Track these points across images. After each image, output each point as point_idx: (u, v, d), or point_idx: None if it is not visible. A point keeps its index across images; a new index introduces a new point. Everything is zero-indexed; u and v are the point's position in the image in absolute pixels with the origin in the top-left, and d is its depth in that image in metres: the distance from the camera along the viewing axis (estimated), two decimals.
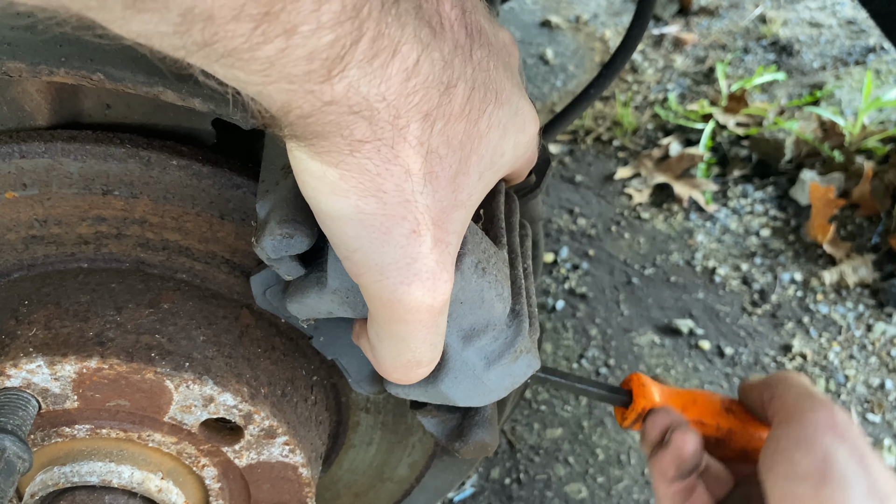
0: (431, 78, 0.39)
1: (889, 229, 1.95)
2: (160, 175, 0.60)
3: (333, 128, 0.38)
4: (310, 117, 0.37)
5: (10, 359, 0.59)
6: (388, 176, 0.40)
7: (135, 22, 0.33)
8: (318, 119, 0.38)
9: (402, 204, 0.41)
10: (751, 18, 2.79)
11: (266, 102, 0.37)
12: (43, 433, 0.64)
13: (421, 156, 0.40)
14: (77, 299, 0.63)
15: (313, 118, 0.37)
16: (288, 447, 0.66)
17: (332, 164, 0.40)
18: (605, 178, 2.22)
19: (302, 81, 0.36)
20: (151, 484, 0.66)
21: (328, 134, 0.38)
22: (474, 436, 0.65)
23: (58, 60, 0.54)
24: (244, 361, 0.65)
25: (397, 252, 0.42)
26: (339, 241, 0.43)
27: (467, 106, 0.42)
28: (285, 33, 0.34)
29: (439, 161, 0.41)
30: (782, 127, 2.19)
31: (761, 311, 1.84)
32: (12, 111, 0.60)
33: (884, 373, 1.71)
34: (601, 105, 2.46)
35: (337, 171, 0.40)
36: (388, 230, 0.41)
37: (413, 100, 0.39)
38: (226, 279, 0.66)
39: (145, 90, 0.55)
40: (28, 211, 0.61)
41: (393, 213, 0.41)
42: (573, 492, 1.51)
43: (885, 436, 1.59)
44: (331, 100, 0.37)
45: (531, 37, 2.82)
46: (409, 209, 0.41)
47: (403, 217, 0.41)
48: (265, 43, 0.34)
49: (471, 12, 0.44)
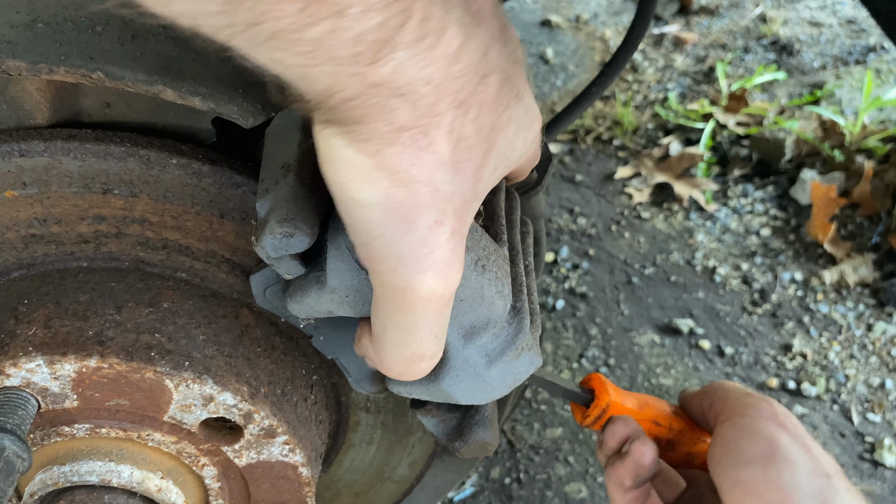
0: (471, 65, 0.39)
1: (889, 229, 1.95)
2: (160, 174, 0.60)
3: (376, 112, 0.38)
4: (353, 100, 0.37)
5: (9, 358, 0.59)
6: (422, 165, 0.40)
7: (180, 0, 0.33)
8: (361, 102, 0.37)
9: (431, 193, 0.41)
10: (751, 18, 2.79)
11: (307, 86, 0.37)
12: (42, 432, 0.64)
13: (452, 144, 0.40)
14: (76, 298, 0.63)
15: (356, 101, 0.37)
16: (288, 446, 0.66)
17: (369, 152, 0.39)
18: (605, 177, 2.22)
19: (348, 64, 0.35)
20: (151, 483, 0.66)
21: (369, 119, 0.38)
22: (474, 435, 0.65)
23: (57, 59, 0.54)
24: (244, 361, 0.65)
25: (418, 241, 0.42)
26: (362, 228, 0.43)
27: (497, 97, 0.42)
28: (333, 15, 0.33)
29: (468, 151, 0.41)
30: (783, 126, 2.19)
31: (761, 310, 1.84)
32: (12, 110, 0.60)
33: (884, 372, 1.71)
34: (601, 104, 2.46)
35: (373, 160, 0.39)
36: (414, 220, 0.41)
37: (453, 86, 0.39)
38: (226, 278, 0.66)
39: (145, 89, 0.55)
40: (27, 210, 0.61)
41: (420, 203, 0.41)
42: (573, 491, 1.51)
43: (886, 435, 1.59)
44: (376, 82, 0.36)
45: (531, 36, 2.82)
46: (436, 199, 0.41)
47: (430, 207, 0.41)
48: (313, 24, 0.33)
49: (498, 6, 0.44)
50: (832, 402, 1.66)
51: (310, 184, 0.54)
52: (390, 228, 0.42)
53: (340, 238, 0.53)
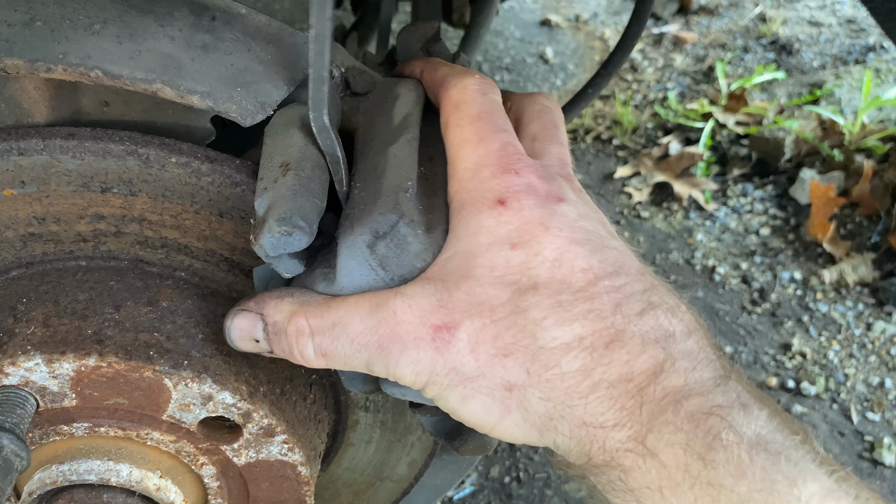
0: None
1: (889, 228, 1.95)
2: (159, 173, 0.60)
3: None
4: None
5: (8, 357, 0.58)
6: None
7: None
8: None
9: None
10: (750, 17, 2.79)
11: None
12: (41, 431, 0.64)
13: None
14: (75, 297, 0.62)
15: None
16: (287, 446, 0.66)
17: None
18: (604, 176, 2.22)
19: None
20: (150, 482, 0.65)
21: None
22: (473, 434, 0.65)
23: (56, 57, 0.54)
24: (243, 360, 0.65)
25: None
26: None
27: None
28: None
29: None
30: (782, 126, 2.19)
31: (761, 309, 1.84)
32: (10, 108, 0.60)
33: (883, 371, 1.71)
34: (601, 104, 2.46)
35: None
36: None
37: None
38: (225, 277, 0.66)
39: (143, 87, 0.55)
40: (26, 208, 0.61)
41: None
42: (573, 490, 1.51)
43: (885, 434, 1.59)
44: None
45: (531, 36, 2.82)
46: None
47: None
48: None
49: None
50: (831, 401, 1.66)
51: (308, 182, 0.54)
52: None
53: (357, 236, 0.53)
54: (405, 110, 0.61)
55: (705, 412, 0.46)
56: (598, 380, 0.48)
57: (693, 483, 0.44)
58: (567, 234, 0.52)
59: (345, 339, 0.53)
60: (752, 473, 0.43)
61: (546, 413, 0.50)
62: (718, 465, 0.44)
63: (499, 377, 0.50)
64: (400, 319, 0.51)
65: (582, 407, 0.49)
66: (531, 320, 0.50)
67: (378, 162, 0.57)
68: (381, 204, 0.53)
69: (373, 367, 0.53)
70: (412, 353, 0.51)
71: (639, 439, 0.47)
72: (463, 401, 0.51)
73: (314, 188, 0.54)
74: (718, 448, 0.44)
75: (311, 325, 0.54)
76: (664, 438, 0.46)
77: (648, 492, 0.46)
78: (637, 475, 0.46)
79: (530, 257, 0.51)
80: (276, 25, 0.62)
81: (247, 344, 0.58)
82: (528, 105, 0.64)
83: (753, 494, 0.43)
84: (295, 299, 0.55)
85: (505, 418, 0.51)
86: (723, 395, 0.47)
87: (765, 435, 0.45)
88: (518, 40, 2.79)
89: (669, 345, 0.49)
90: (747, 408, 0.46)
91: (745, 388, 0.48)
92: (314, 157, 0.56)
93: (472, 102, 0.58)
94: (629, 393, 0.48)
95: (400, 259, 0.53)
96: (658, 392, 0.47)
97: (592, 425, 0.48)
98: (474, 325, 0.50)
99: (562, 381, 0.49)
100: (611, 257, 0.53)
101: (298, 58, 0.61)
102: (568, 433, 0.50)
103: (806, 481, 0.43)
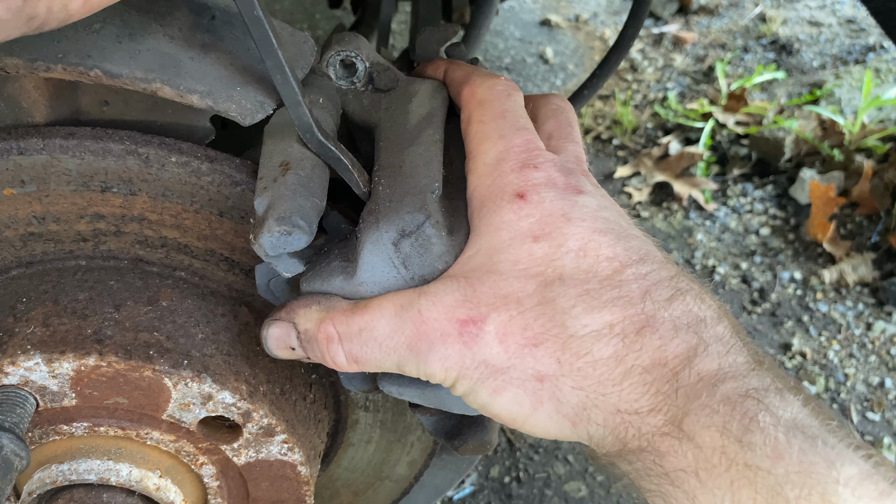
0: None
1: (889, 228, 1.95)
2: (159, 172, 0.60)
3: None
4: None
5: (7, 356, 0.58)
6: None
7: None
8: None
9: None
10: (750, 17, 2.79)
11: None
12: (41, 431, 0.64)
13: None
14: (75, 297, 0.62)
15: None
16: (286, 445, 0.66)
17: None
18: (604, 176, 2.22)
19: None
20: (150, 482, 0.65)
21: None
22: (473, 434, 0.65)
23: (55, 57, 0.54)
24: (243, 359, 0.65)
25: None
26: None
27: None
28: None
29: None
30: (782, 126, 2.19)
31: (761, 309, 1.84)
32: (10, 108, 0.60)
33: (883, 371, 1.71)
34: (601, 104, 2.46)
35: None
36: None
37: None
38: (224, 276, 0.66)
39: (143, 86, 0.55)
40: (26, 208, 0.61)
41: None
42: (573, 490, 1.51)
43: (885, 434, 1.59)
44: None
45: (531, 36, 2.82)
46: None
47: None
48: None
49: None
50: (831, 400, 1.66)
51: (308, 182, 0.54)
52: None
53: (382, 233, 0.53)
54: (429, 110, 0.61)
55: (741, 395, 0.46)
56: (630, 366, 0.48)
57: (730, 465, 0.44)
58: (590, 224, 0.52)
59: (373, 344, 0.53)
60: (790, 455, 0.43)
61: (579, 402, 0.49)
62: (755, 447, 0.43)
63: (530, 368, 0.50)
64: (426, 318, 0.51)
65: (616, 394, 0.48)
66: (559, 309, 0.49)
67: (404, 160, 0.57)
68: (408, 203, 0.53)
69: (404, 369, 0.53)
70: (440, 349, 0.51)
71: (675, 423, 0.46)
72: (494, 394, 0.51)
73: (314, 187, 0.54)
74: (755, 430, 0.44)
75: (339, 331, 0.54)
76: (700, 421, 0.45)
77: (684, 475, 0.45)
78: (673, 459, 0.46)
79: (554, 249, 0.51)
80: (276, 25, 0.62)
81: (284, 352, 0.58)
82: (544, 105, 0.65)
83: (791, 476, 0.42)
84: (322, 306, 0.55)
85: (537, 410, 0.51)
86: (758, 379, 0.47)
87: (801, 419, 0.45)
88: (518, 40, 2.79)
89: (701, 330, 0.49)
90: (782, 392, 0.46)
91: (778, 374, 0.48)
92: (314, 157, 0.56)
93: (497, 101, 0.59)
94: (664, 377, 0.47)
95: (422, 259, 0.53)
96: (693, 376, 0.47)
97: (627, 412, 0.48)
98: (501, 317, 0.50)
99: (594, 368, 0.48)
100: (635, 245, 0.53)
101: (298, 57, 0.61)
102: (602, 422, 0.49)
103: (844, 464, 0.43)
